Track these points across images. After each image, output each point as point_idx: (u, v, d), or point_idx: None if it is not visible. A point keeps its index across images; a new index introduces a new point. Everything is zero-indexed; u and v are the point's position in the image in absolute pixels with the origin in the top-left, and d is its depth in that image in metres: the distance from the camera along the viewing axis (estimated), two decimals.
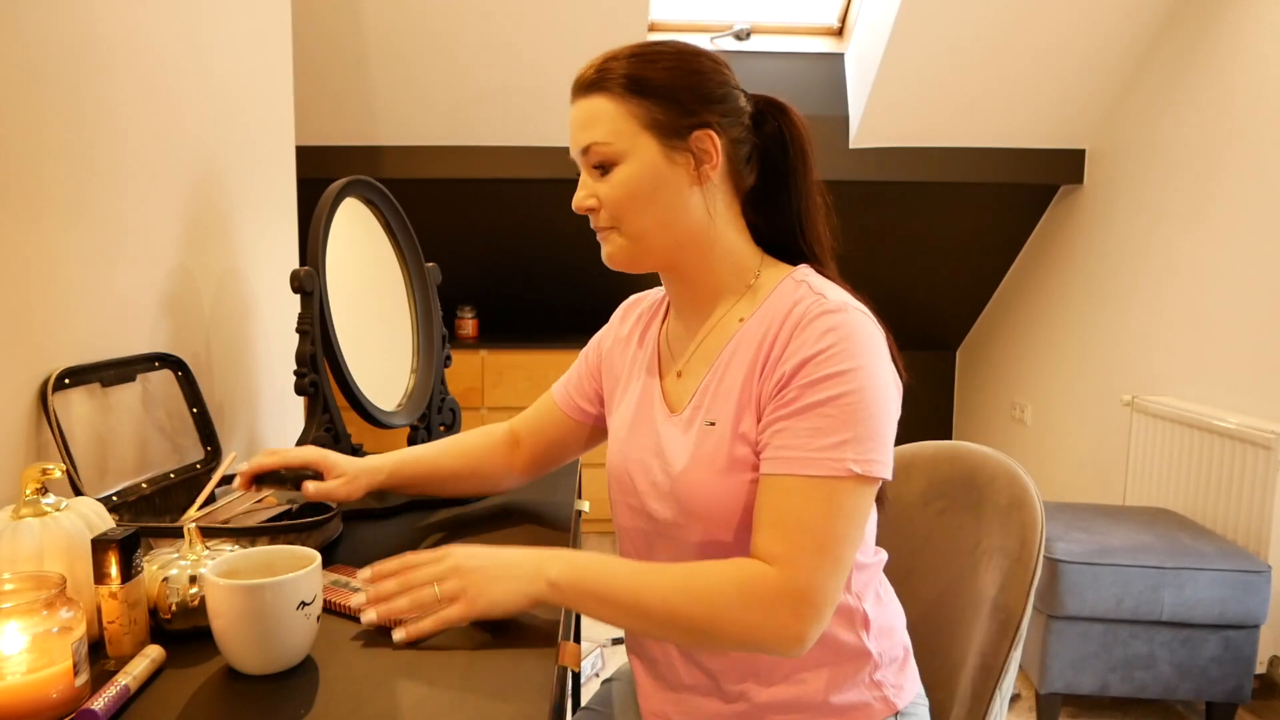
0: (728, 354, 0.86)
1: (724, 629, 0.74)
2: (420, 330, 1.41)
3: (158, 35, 1.14)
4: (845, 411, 0.75)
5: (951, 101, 2.87)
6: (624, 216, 0.85)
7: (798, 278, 0.87)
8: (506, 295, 3.61)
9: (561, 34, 2.62)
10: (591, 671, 2.30)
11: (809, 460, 0.75)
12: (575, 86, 0.87)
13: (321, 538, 0.99)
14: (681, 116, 0.83)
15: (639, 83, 0.83)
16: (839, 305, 0.80)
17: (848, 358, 0.76)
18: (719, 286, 0.90)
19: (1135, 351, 2.78)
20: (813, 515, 0.75)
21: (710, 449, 0.84)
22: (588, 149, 0.85)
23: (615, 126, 0.83)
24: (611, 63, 0.85)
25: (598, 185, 0.86)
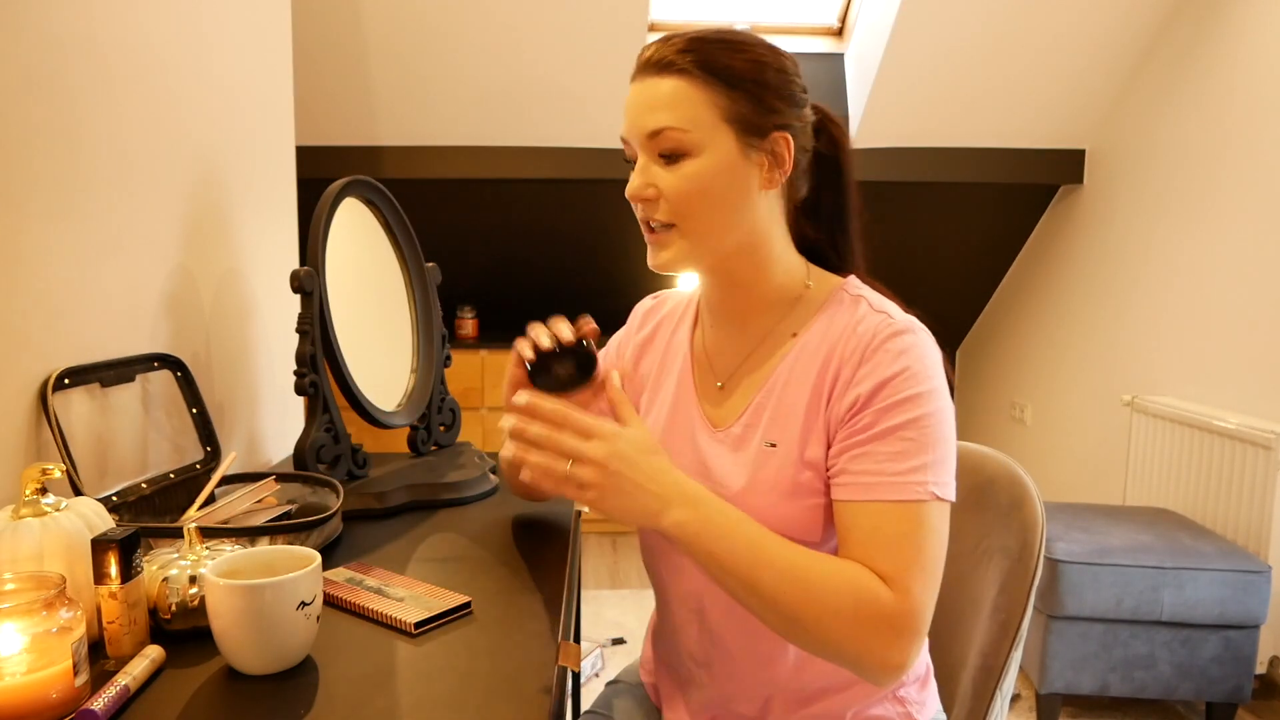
0: (784, 371, 0.83)
1: (827, 634, 0.71)
2: (420, 330, 1.41)
3: (158, 35, 1.14)
4: (923, 434, 0.74)
5: (951, 101, 2.87)
6: (688, 213, 0.79)
7: (852, 291, 0.84)
8: (506, 295, 3.61)
9: (561, 34, 2.61)
10: (591, 671, 2.29)
11: (893, 484, 0.73)
12: (647, 64, 0.79)
13: (321, 538, 0.99)
14: (764, 114, 0.78)
15: (727, 71, 0.77)
16: (907, 325, 0.78)
17: (922, 380, 0.75)
18: (770, 296, 0.86)
19: (1135, 351, 2.78)
20: (910, 537, 0.72)
21: (773, 472, 0.80)
22: (658, 133, 0.77)
23: (694, 114, 0.77)
24: (696, 44, 0.78)
25: (661, 174, 0.79)
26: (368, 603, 0.83)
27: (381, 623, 0.81)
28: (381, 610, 0.81)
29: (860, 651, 0.70)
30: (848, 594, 0.71)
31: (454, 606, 0.83)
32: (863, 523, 0.74)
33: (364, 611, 0.83)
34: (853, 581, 0.71)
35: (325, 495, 1.07)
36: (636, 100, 0.79)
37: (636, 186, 0.80)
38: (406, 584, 0.88)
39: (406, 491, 1.19)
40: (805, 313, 0.85)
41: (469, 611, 0.84)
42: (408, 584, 0.88)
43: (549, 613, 0.84)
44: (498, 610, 0.84)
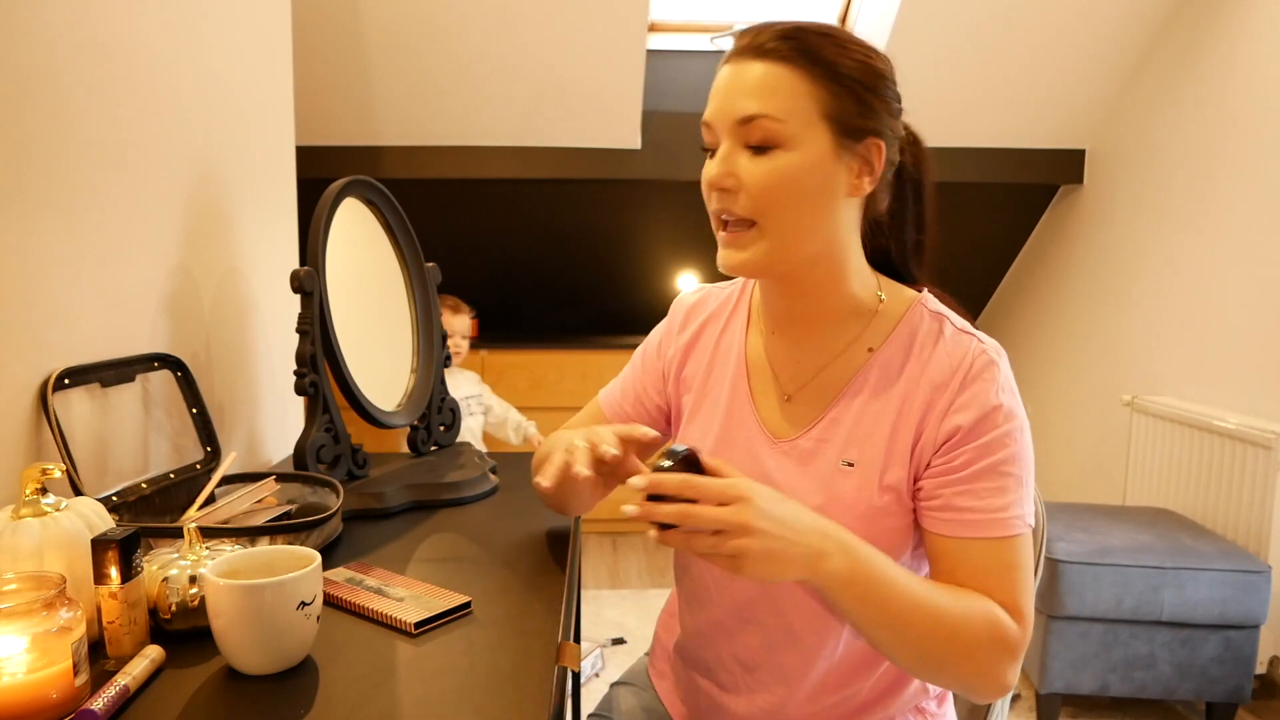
0: (862, 387, 0.80)
1: (963, 669, 0.73)
2: (420, 330, 1.41)
3: (158, 35, 1.14)
4: (1017, 467, 0.75)
5: (951, 101, 2.87)
6: (771, 211, 0.75)
7: (931, 308, 0.83)
8: (506, 295, 3.61)
9: (561, 34, 2.61)
10: (592, 671, 2.29)
11: (998, 521, 0.74)
12: (745, 48, 0.75)
13: (321, 538, 0.99)
14: (863, 117, 0.75)
15: (833, 66, 0.73)
16: (998, 350, 0.78)
17: (1016, 414, 0.76)
18: (841, 308, 0.82)
19: (1135, 351, 2.78)
20: (1020, 568, 0.75)
21: (851, 492, 0.79)
22: (750, 120, 0.73)
23: (795, 105, 0.73)
24: (802, 33, 0.74)
25: (746, 165, 0.74)
26: (368, 603, 0.83)
27: (381, 623, 0.81)
28: (381, 610, 0.81)
29: (986, 680, 0.73)
30: (984, 632, 0.72)
31: (454, 606, 0.83)
32: (973, 557, 0.75)
33: (364, 611, 0.82)
34: (985, 617, 0.72)
35: (325, 495, 1.07)
36: (729, 83, 0.75)
37: (717, 174, 0.75)
38: (406, 584, 0.88)
39: (406, 491, 1.19)
40: (881, 327, 0.82)
41: (469, 611, 0.84)
42: (408, 584, 0.88)
43: (549, 613, 0.84)
44: (498, 610, 0.84)
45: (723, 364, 0.90)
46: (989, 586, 0.74)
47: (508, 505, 1.20)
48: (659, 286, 3.53)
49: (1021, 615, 0.74)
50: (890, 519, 0.78)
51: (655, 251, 3.40)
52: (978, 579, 0.75)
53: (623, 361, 1.06)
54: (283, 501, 1.05)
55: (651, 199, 3.14)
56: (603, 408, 1.01)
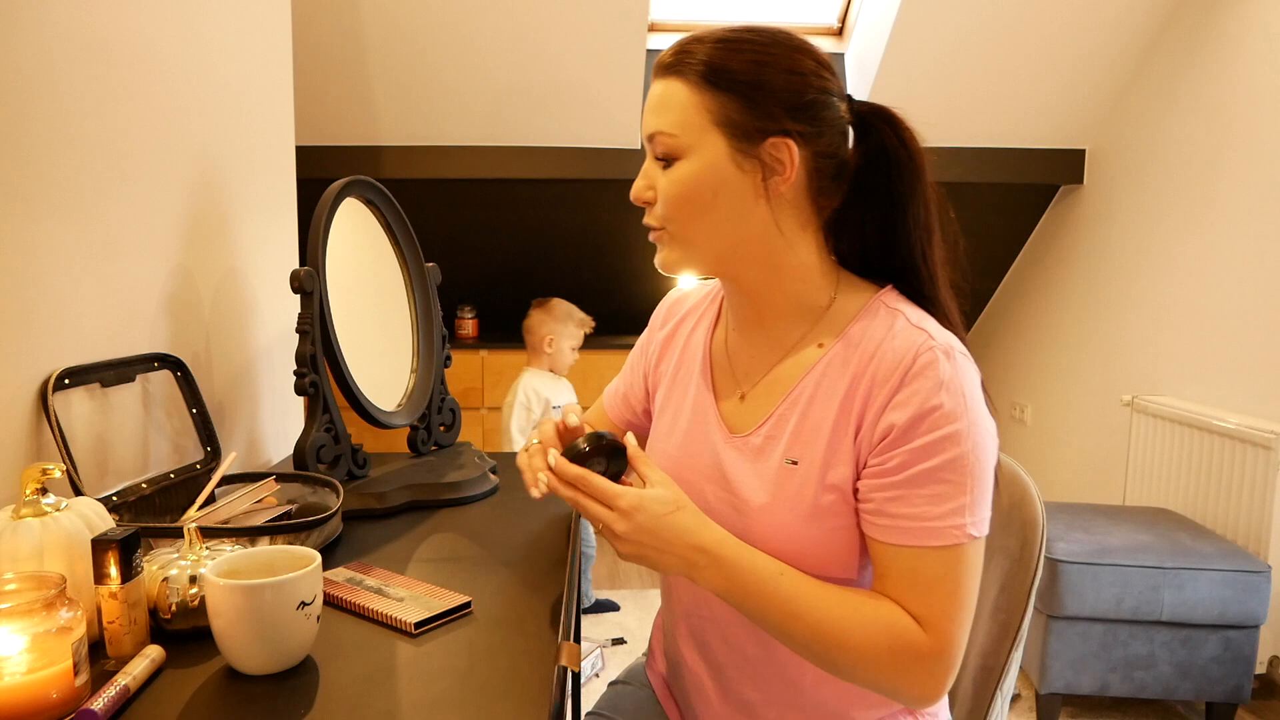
0: (809, 384, 0.80)
1: (862, 676, 0.73)
2: (420, 330, 1.41)
3: (158, 35, 1.14)
4: (960, 474, 0.72)
5: (951, 101, 2.87)
6: (674, 218, 0.79)
7: (889, 304, 0.79)
8: (506, 295, 3.61)
9: (561, 34, 2.61)
10: (592, 671, 2.29)
11: (932, 530, 0.72)
12: (655, 65, 0.79)
13: (321, 538, 0.99)
14: (757, 119, 0.75)
15: (718, 72, 0.75)
16: (947, 347, 0.74)
17: (960, 415, 0.72)
18: (789, 306, 0.82)
19: (1135, 351, 2.78)
20: (947, 579, 0.72)
21: (794, 491, 0.78)
22: (652, 137, 0.78)
23: (685, 117, 0.76)
24: (695, 45, 0.76)
25: (658, 176, 0.79)
26: (368, 603, 0.83)
27: (381, 623, 0.81)
28: (381, 610, 0.81)
29: (895, 689, 0.73)
30: (883, 642, 0.72)
31: (454, 606, 0.83)
32: (900, 565, 0.74)
33: (364, 611, 0.83)
34: (888, 629, 0.72)
35: (325, 495, 1.07)
36: (649, 101, 0.79)
37: (637, 187, 0.81)
38: (406, 584, 0.88)
39: (406, 491, 1.19)
40: (834, 324, 0.81)
41: (469, 611, 0.84)
42: (408, 584, 0.88)
43: (549, 613, 0.84)
44: (498, 610, 0.84)
45: (691, 359, 0.92)
46: (908, 596, 0.73)
47: (508, 505, 1.20)
48: (658, 286, 3.53)
49: (934, 627, 0.72)
50: (836, 518, 0.77)
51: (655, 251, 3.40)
52: (900, 587, 0.74)
53: (622, 361, 1.08)
54: (283, 501, 1.05)
55: None
56: (605, 406, 1.05)
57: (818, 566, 0.77)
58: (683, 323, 0.97)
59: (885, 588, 0.75)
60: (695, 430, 0.88)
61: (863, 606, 0.73)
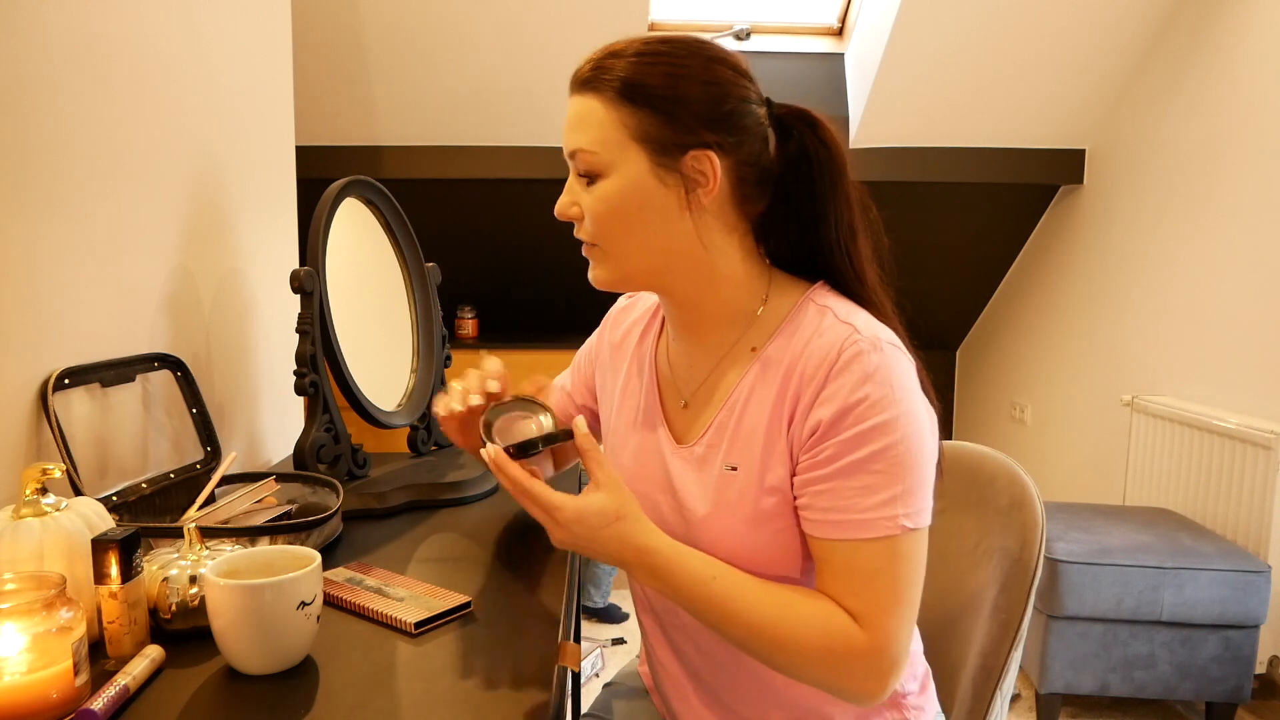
0: (745, 389, 0.80)
1: (801, 674, 0.74)
2: (420, 330, 1.41)
3: (158, 35, 1.14)
4: (891, 465, 0.71)
5: (951, 101, 2.87)
6: (604, 234, 0.78)
7: (818, 301, 0.79)
8: (506, 295, 3.61)
9: (561, 34, 2.62)
10: (592, 671, 2.29)
11: (862, 523, 0.72)
12: (571, 81, 0.78)
13: (321, 538, 0.99)
14: (677, 133, 0.74)
15: (634, 88, 0.74)
16: (873, 341, 0.73)
17: (888, 405, 0.71)
18: (721, 313, 0.82)
19: (1135, 351, 2.78)
20: (882, 572, 0.72)
21: (734, 497, 0.78)
22: (573, 154, 0.77)
23: (604, 135, 0.75)
24: (611, 60, 0.76)
25: (582, 194, 0.79)
26: (368, 603, 0.83)
27: (381, 623, 0.81)
28: (381, 610, 0.81)
29: (837, 687, 0.73)
30: (818, 640, 0.72)
31: (454, 606, 0.83)
32: (835, 559, 0.74)
33: (364, 611, 0.83)
34: (824, 627, 0.72)
35: (325, 495, 1.07)
36: (568, 117, 0.79)
37: (562, 204, 0.80)
38: (406, 584, 0.88)
39: (406, 491, 1.19)
40: (767, 327, 0.81)
41: (469, 611, 0.84)
42: (408, 584, 0.88)
43: (549, 613, 0.84)
44: (498, 610, 0.84)
45: (638, 371, 0.92)
46: (844, 591, 0.73)
47: (508, 505, 1.20)
48: None
49: (871, 622, 0.71)
50: (779, 520, 0.77)
51: None
52: (835, 581, 0.74)
53: None
54: (282, 501, 1.05)
55: None
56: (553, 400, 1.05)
57: (765, 570, 0.77)
58: (631, 330, 0.96)
59: (823, 584, 0.75)
60: (646, 441, 0.88)
61: (798, 605, 0.73)
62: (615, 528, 0.73)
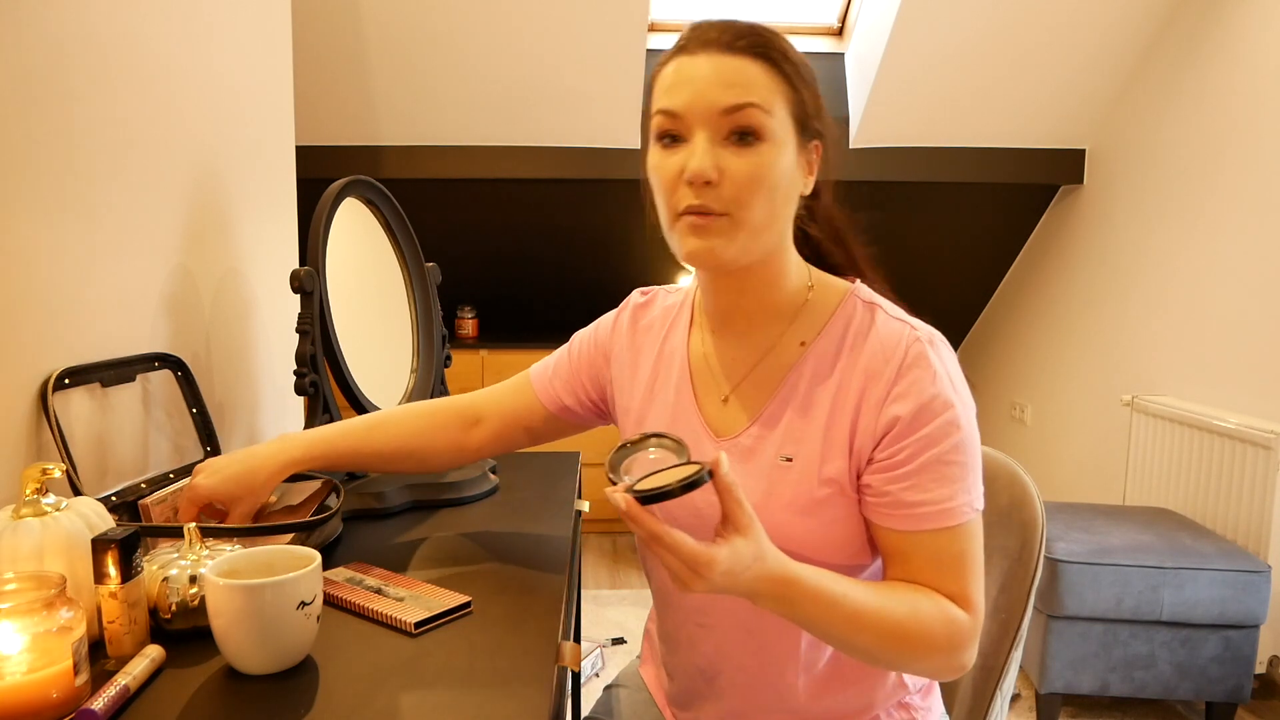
0: (798, 383, 0.80)
1: (920, 666, 0.75)
2: (420, 330, 1.41)
3: (158, 35, 1.14)
4: (962, 455, 0.75)
5: (951, 101, 2.87)
6: (748, 203, 0.74)
7: (864, 297, 0.82)
8: (506, 295, 3.61)
9: (561, 34, 2.62)
10: (592, 671, 2.29)
11: (944, 512, 0.75)
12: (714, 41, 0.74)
13: (321, 538, 0.99)
14: (814, 116, 0.78)
15: (794, 65, 0.76)
16: (931, 337, 0.78)
17: (954, 400, 0.75)
18: (778, 303, 0.83)
19: (1135, 351, 2.78)
20: (966, 555, 0.76)
21: (790, 488, 0.78)
22: (740, 108, 0.72)
23: (773, 99, 0.74)
24: (767, 34, 0.75)
25: (726, 158, 0.73)
26: (368, 603, 0.83)
27: (381, 623, 0.81)
28: (381, 610, 0.81)
29: (947, 669, 0.76)
30: (941, 632, 0.74)
31: (454, 606, 0.83)
32: (923, 551, 0.76)
33: (364, 611, 0.83)
34: (942, 619, 0.74)
35: (325, 495, 1.07)
36: (707, 73, 0.73)
37: (704, 167, 0.72)
38: (406, 584, 0.88)
39: (406, 491, 1.19)
40: (812, 320, 0.82)
41: (469, 611, 0.84)
42: (408, 584, 0.88)
43: (549, 613, 0.84)
44: (498, 610, 0.84)
45: (667, 367, 0.90)
46: (938, 578, 0.76)
47: (508, 505, 1.20)
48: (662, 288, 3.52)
49: (970, 604, 0.75)
50: (833, 510, 0.78)
51: (655, 251, 3.40)
52: (927, 571, 0.76)
53: None
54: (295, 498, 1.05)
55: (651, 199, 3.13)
56: (533, 384, 1.01)
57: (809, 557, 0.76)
58: (654, 325, 0.94)
59: (911, 574, 0.77)
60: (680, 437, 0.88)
61: (917, 602, 0.74)
62: (755, 567, 0.68)
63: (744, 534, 0.67)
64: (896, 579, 0.78)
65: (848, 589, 0.72)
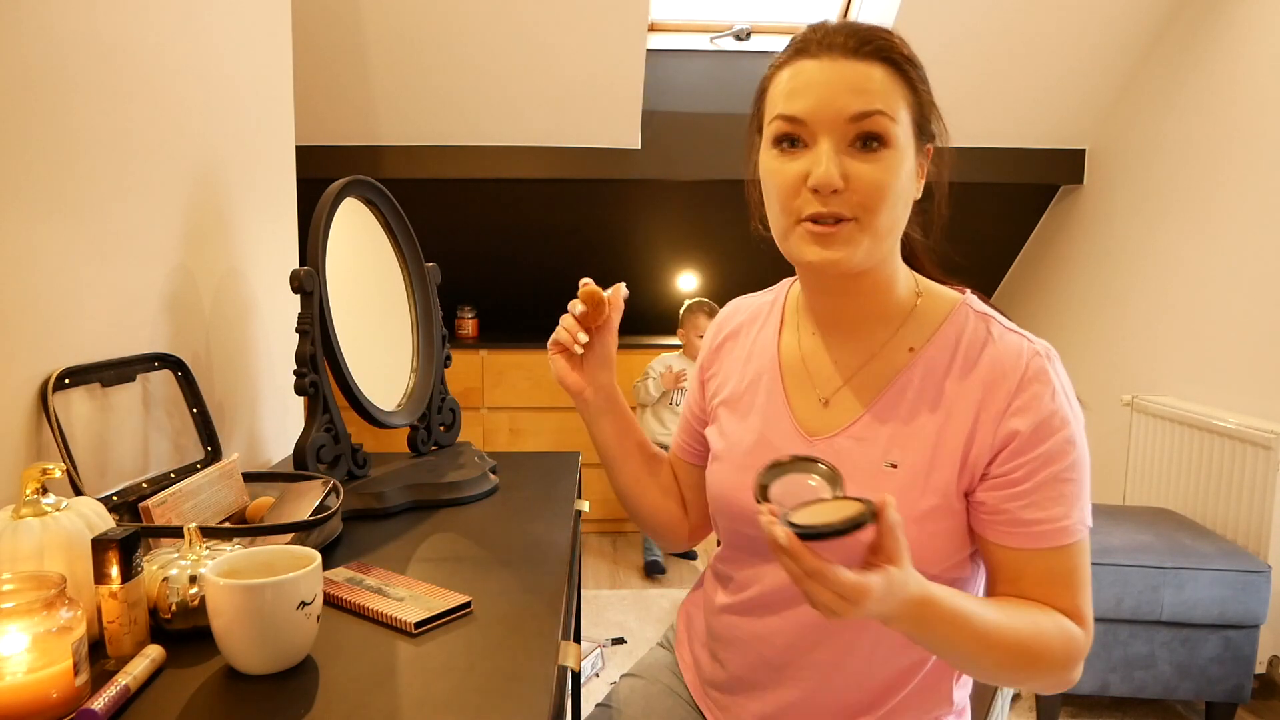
0: (906, 389, 0.79)
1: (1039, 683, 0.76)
2: (420, 330, 1.41)
3: (158, 35, 1.14)
4: (1078, 474, 0.75)
5: (951, 101, 2.85)
6: (876, 208, 0.73)
7: (975, 308, 0.82)
8: (506, 295, 3.61)
9: (561, 33, 2.61)
10: (592, 671, 2.29)
11: (1062, 530, 0.75)
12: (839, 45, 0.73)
13: (321, 538, 0.99)
14: (931, 121, 0.79)
15: (915, 70, 0.76)
16: (1046, 352, 0.77)
17: (1071, 417, 0.75)
18: (887, 307, 0.82)
19: (1135, 351, 2.78)
20: (1079, 572, 0.76)
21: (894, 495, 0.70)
22: (868, 115, 0.72)
23: (897, 106, 0.73)
24: (888, 35, 0.75)
25: (854, 164, 0.72)
26: (368, 603, 0.83)
27: (381, 623, 0.81)
28: (381, 610, 0.81)
29: (1061, 683, 0.76)
30: (1060, 649, 0.74)
31: (454, 606, 0.83)
32: (1036, 568, 0.76)
33: (364, 611, 0.83)
34: (1062, 637, 0.74)
35: (325, 495, 1.07)
36: (829, 79, 0.72)
37: (831, 175, 0.71)
38: (406, 584, 0.88)
39: (406, 491, 1.19)
40: (921, 327, 0.81)
41: (469, 611, 0.84)
42: (408, 584, 0.88)
43: (549, 613, 0.84)
44: (498, 610, 0.84)
45: (757, 369, 0.90)
46: (1052, 594, 0.76)
47: (508, 505, 1.20)
48: (659, 286, 3.53)
49: (1084, 619, 0.76)
50: (938, 523, 0.77)
51: (655, 251, 3.40)
52: (1041, 587, 0.76)
53: (624, 361, 1.07)
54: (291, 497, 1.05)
55: (651, 199, 3.14)
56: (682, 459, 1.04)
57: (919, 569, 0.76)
58: (742, 329, 0.95)
59: (1022, 590, 0.76)
60: (769, 438, 0.86)
61: (1040, 622, 0.74)
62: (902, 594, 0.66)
63: (898, 564, 0.65)
64: (1005, 594, 0.77)
65: (975, 607, 0.71)
